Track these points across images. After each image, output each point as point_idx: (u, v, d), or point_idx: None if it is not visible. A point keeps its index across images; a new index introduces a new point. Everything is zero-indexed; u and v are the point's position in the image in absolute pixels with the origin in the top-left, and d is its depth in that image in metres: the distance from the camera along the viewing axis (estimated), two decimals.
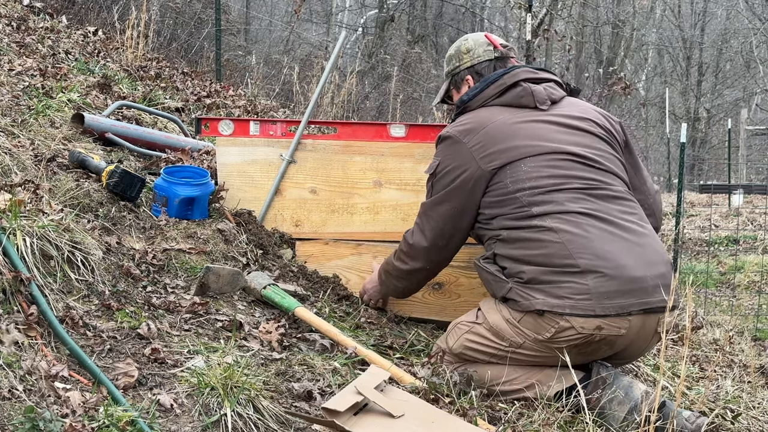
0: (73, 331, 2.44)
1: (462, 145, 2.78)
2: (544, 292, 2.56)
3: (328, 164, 3.48)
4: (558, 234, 2.58)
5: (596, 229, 2.59)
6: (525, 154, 2.71)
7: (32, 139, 3.45)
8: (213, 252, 3.16)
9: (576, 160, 2.72)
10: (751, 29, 23.28)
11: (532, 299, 2.57)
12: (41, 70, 4.59)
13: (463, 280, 3.36)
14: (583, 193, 2.66)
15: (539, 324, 2.57)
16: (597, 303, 2.50)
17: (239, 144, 3.51)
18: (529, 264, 2.61)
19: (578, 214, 2.61)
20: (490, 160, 2.73)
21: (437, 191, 2.86)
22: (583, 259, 2.54)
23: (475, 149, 2.75)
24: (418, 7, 14.25)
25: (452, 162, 2.80)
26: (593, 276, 2.51)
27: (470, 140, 2.77)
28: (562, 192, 2.65)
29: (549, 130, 2.77)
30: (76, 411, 2.07)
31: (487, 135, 2.76)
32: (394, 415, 2.25)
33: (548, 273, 2.57)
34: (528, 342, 2.62)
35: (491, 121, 2.79)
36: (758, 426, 3.01)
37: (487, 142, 2.74)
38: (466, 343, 2.76)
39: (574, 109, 2.88)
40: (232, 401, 2.24)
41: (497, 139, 2.74)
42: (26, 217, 2.66)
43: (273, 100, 7.53)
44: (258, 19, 12.55)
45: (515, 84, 2.84)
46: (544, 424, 2.52)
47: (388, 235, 3.45)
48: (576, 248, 2.55)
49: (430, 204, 2.90)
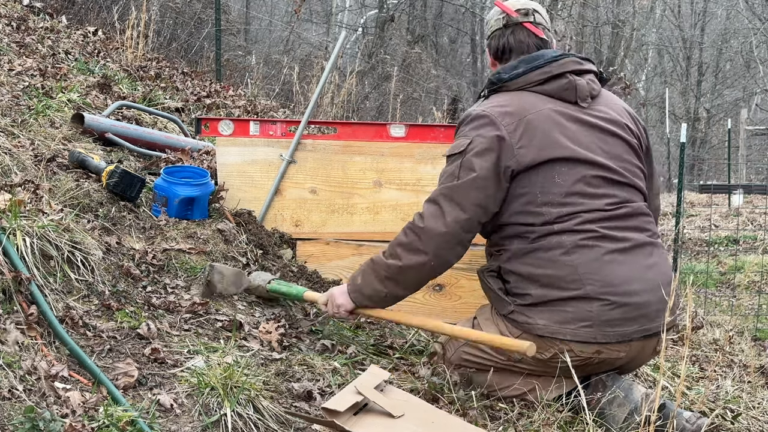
0: (73, 331, 2.44)
1: (498, 128, 2.56)
2: (547, 316, 2.50)
3: (328, 164, 3.48)
4: (571, 256, 2.49)
5: (609, 253, 2.50)
6: (560, 156, 2.55)
7: (32, 139, 3.45)
8: (213, 252, 3.16)
9: (605, 176, 2.59)
10: (751, 29, 23.26)
11: (534, 324, 2.51)
12: (41, 70, 4.59)
13: (464, 281, 3.36)
14: (605, 213, 2.55)
15: (538, 344, 2.51)
16: (599, 330, 2.46)
17: (239, 144, 3.51)
18: (537, 283, 2.52)
19: (596, 238, 2.51)
20: (525, 153, 2.54)
21: (466, 172, 2.57)
22: (592, 285, 2.46)
23: (513, 136, 2.55)
24: (418, 7, 14.25)
25: (486, 144, 2.55)
26: (599, 303, 2.46)
27: (508, 125, 2.56)
28: (586, 213, 2.53)
29: (586, 134, 2.62)
30: (76, 411, 2.07)
31: (528, 125, 2.56)
32: (394, 415, 2.25)
33: (554, 296, 2.49)
34: (526, 359, 2.55)
35: (532, 111, 2.59)
36: (758, 426, 3.01)
37: (526, 133, 2.55)
38: (464, 356, 2.72)
39: (611, 109, 2.73)
40: (232, 401, 2.24)
41: (536, 133, 2.56)
42: (26, 217, 2.66)
43: (273, 100, 7.53)
44: (258, 19, 12.55)
45: (561, 75, 2.65)
46: (544, 424, 2.52)
47: (387, 235, 3.43)
48: (586, 273, 2.47)
49: (455, 187, 2.57)
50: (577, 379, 2.34)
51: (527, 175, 2.56)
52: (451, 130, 3.55)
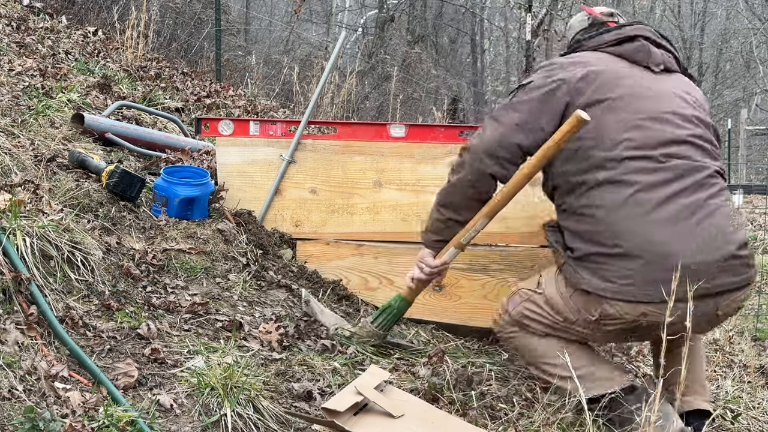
0: (73, 331, 2.44)
1: (563, 71, 2.61)
2: (591, 271, 2.48)
3: (328, 164, 3.48)
4: (611, 212, 2.45)
5: (656, 209, 2.43)
6: (616, 97, 2.55)
7: (32, 139, 3.45)
8: (213, 252, 3.16)
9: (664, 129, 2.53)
10: (751, 29, 23.27)
11: (580, 277, 2.51)
12: (41, 70, 4.59)
13: (464, 282, 3.36)
14: (658, 165, 2.48)
15: (587, 303, 2.51)
16: (640, 289, 2.41)
17: (239, 144, 3.51)
18: (581, 239, 2.52)
19: (640, 190, 2.44)
20: (583, 91, 2.56)
21: (518, 98, 2.63)
22: (631, 242, 2.41)
23: (576, 78, 2.58)
24: (418, 7, 14.25)
25: (548, 78, 2.61)
26: (638, 261, 2.41)
27: (574, 69, 2.61)
28: (633, 161, 2.47)
29: (650, 89, 2.60)
30: (76, 411, 2.07)
31: (593, 72, 2.59)
32: (394, 415, 2.25)
33: (597, 252, 2.47)
34: (581, 320, 2.55)
35: (601, 65, 2.63)
36: (758, 426, 3.01)
37: (590, 79, 2.58)
38: (525, 311, 2.71)
39: (691, 88, 2.73)
40: (232, 401, 2.24)
41: (599, 80, 2.58)
42: (26, 217, 2.66)
43: (273, 100, 7.53)
44: (258, 19, 12.55)
45: (634, 38, 2.68)
46: (544, 424, 2.52)
47: (387, 235, 3.45)
48: (626, 230, 2.42)
49: (503, 107, 2.66)
50: (621, 382, 2.40)
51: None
52: (451, 130, 3.56)
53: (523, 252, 3.36)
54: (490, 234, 3.37)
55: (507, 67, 18.33)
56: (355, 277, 3.41)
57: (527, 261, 3.34)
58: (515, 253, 3.36)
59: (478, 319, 3.36)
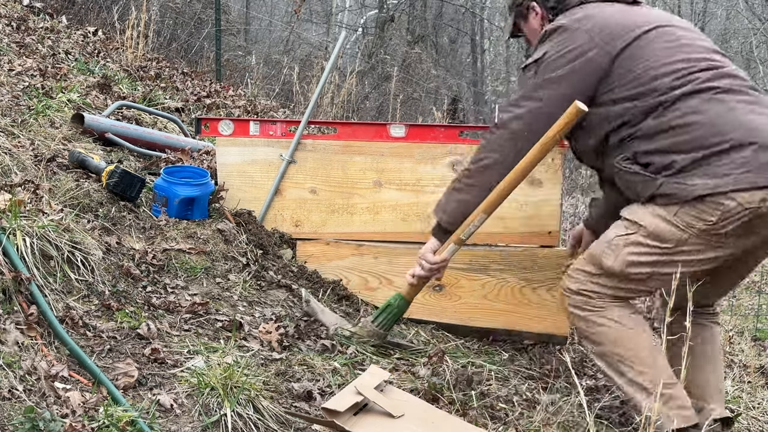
0: (73, 331, 2.44)
1: (577, 31, 2.60)
2: (702, 175, 2.44)
3: (328, 164, 3.48)
4: (704, 114, 2.45)
5: (742, 103, 2.47)
6: (646, 29, 2.58)
7: (32, 139, 3.45)
8: (213, 252, 3.16)
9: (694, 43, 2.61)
10: (751, 29, 23.26)
11: (690, 186, 2.44)
12: (41, 70, 4.59)
13: (464, 282, 3.36)
14: (717, 72, 2.53)
15: (701, 210, 2.44)
16: (757, 175, 2.39)
17: (239, 144, 3.51)
18: (680, 152, 2.47)
19: (720, 92, 2.49)
20: (612, 38, 2.56)
21: (545, 73, 2.62)
22: (737, 132, 2.42)
23: (595, 31, 2.58)
24: (418, 7, 14.24)
25: (567, 45, 2.60)
26: (750, 148, 2.40)
27: (586, 24, 2.60)
28: (699, 72, 2.52)
29: (655, 14, 2.69)
30: (76, 411, 2.07)
31: (603, 18, 2.61)
32: (394, 415, 2.25)
33: (702, 155, 2.44)
34: (692, 236, 2.47)
35: (603, 9, 2.66)
36: (758, 426, 3.01)
37: (606, 24, 2.59)
38: (630, 257, 2.55)
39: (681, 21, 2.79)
40: (232, 401, 2.24)
41: (615, 21, 2.60)
42: (26, 217, 2.66)
43: (273, 100, 7.53)
44: (258, 19, 12.54)
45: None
46: (544, 424, 2.52)
47: (388, 235, 3.45)
48: (727, 123, 2.43)
49: (533, 86, 2.64)
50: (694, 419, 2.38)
51: (621, 59, 2.56)
52: (451, 130, 3.56)
53: (523, 252, 3.36)
54: (490, 234, 3.38)
55: (507, 67, 18.32)
56: (355, 277, 3.41)
57: (527, 261, 3.34)
58: (515, 253, 3.36)
59: (478, 319, 3.36)
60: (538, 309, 3.33)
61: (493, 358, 3.14)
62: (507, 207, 3.36)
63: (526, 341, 3.37)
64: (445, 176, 3.39)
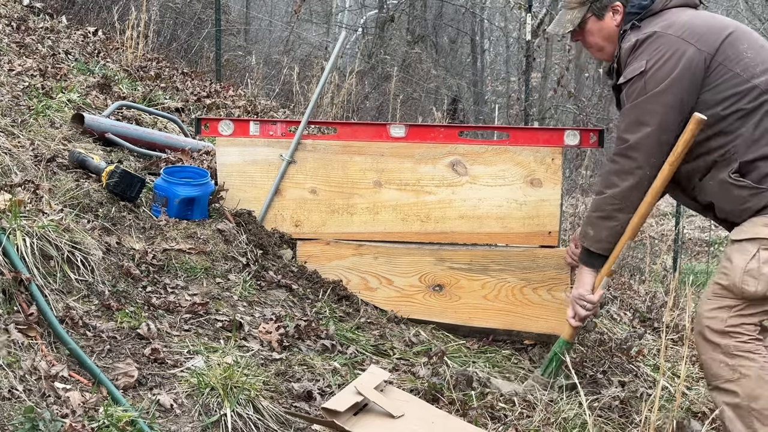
0: (73, 331, 2.44)
1: (668, 36, 2.64)
2: None
3: (328, 164, 3.48)
4: None
5: None
6: (731, 31, 2.63)
7: (32, 140, 3.45)
8: (213, 252, 3.16)
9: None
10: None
11: None
12: (41, 70, 4.59)
13: (464, 282, 3.36)
14: None
15: None
16: None
17: (239, 144, 3.51)
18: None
19: None
20: (706, 40, 2.61)
21: (655, 84, 2.62)
22: None
23: (686, 35, 2.62)
24: (418, 7, 14.24)
25: (665, 51, 2.62)
26: None
27: (676, 31, 2.64)
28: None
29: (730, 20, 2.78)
30: (76, 411, 2.07)
31: (690, 23, 2.66)
32: (394, 415, 2.25)
33: None
34: None
35: (683, 14, 2.70)
36: None
37: (695, 28, 2.64)
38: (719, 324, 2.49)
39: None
40: (232, 401, 2.24)
41: (701, 24, 2.66)
42: (26, 217, 2.66)
43: (273, 100, 7.53)
44: (258, 19, 12.54)
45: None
46: (544, 424, 2.52)
47: (388, 235, 3.45)
48: None
49: (648, 98, 2.63)
50: None
51: (716, 61, 2.59)
52: (451, 130, 3.56)
53: (523, 252, 3.36)
54: (490, 234, 3.38)
55: (507, 67, 18.32)
56: (355, 277, 3.41)
57: (527, 261, 3.34)
58: (515, 253, 3.36)
59: (478, 319, 3.36)
60: (538, 309, 3.33)
61: (493, 358, 3.14)
62: (507, 207, 3.37)
63: (526, 341, 3.37)
64: (444, 176, 3.40)
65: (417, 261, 3.39)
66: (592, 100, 10.16)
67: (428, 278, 3.38)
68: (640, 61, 2.65)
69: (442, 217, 3.41)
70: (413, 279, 3.38)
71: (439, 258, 3.38)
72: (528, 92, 9.20)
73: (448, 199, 3.41)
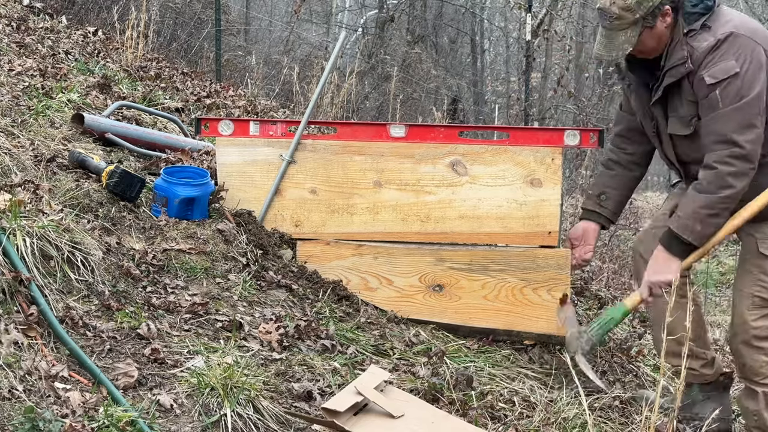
0: (73, 331, 2.44)
1: (744, 37, 2.76)
2: None
3: (328, 164, 3.48)
4: None
5: None
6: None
7: (32, 140, 3.45)
8: (213, 252, 3.16)
9: None
10: None
11: None
12: (41, 71, 4.59)
13: (464, 282, 3.36)
14: None
15: None
16: None
17: (239, 144, 3.51)
18: None
19: None
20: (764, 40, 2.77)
21: (750, 86, 2.73)
22: None
23: (754, 36, 2.77)
24: (418, 7, 14.23)
25: (748, 53, 2.75)
26: None
27: (746, 31, 2.78)
28: None
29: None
30: (76, 411, 2.07)
31: (747, 22, 2.84)
32: (394, 415, 2.25)
33: None
34: None
35: (736, 14, 2.88)
36: None
37: (754, 29, 2.82)
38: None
39: None
40: (232, 401, 2.24)
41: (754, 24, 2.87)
42: (26, 217, 2.66)
43: (273, 100, 7.52)
44: (258, 19, 12.54)
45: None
46: (544, 424, 2.52)
47: (388, 235, 3.45)
48: None
49: (751, 100, 2.74)
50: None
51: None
52: (451, 130, 3.56)
53: (523, 252, 3.36)
54: (490, 234, 3.38)
55: (507, 67, 18.32)
56: (355, 277, 3.41)
57: (527, 261, 3.34)
58: (515, 254, 3.36)
59: (478, 319, 3.36)
60: (538, 309, 3.33)
61: (493, 358, 3.14)
62: (507, 207, 3.37)
63: (526, 341, 3.37)
64: (444, 176, 3.40)
65: (417, 261, 3.39)
66: (592, 100, 10.16)
67: (428, 278, 3.38)
68: (729, 61, 2.73)
69: (442, 217, 3.41)
70: (413, 279, 3.38)
71: (439, 258, 3.38)
72: (528, 92, 9.21)
73: (448, 199, 3.41)
